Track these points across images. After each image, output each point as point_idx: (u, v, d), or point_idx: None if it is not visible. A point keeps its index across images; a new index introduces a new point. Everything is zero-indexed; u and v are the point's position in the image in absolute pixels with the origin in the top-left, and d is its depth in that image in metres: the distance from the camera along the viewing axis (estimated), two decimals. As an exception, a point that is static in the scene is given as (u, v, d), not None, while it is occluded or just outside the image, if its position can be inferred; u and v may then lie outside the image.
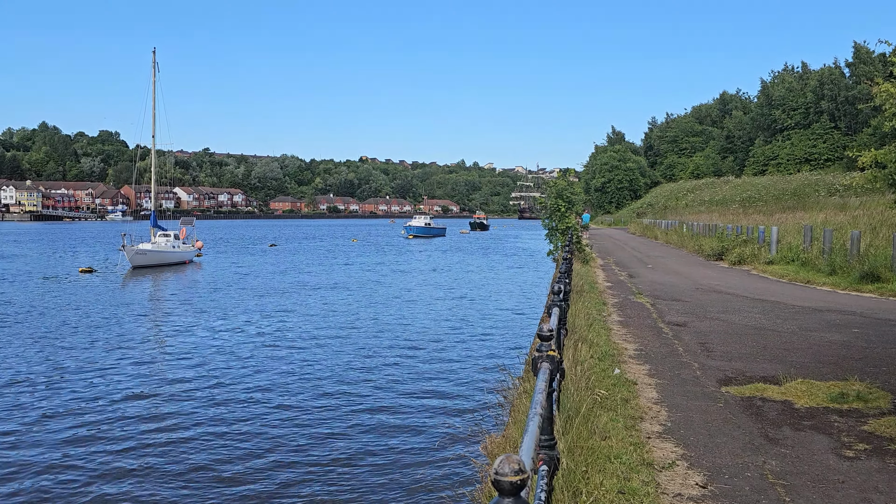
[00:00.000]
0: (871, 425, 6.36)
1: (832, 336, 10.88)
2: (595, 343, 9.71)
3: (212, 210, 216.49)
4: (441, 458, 9.66)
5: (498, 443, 6.26)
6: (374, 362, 15.77)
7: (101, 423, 11.24)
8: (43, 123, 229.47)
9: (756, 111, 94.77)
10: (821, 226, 25.45)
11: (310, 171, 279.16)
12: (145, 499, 8.47)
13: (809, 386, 7.68)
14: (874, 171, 12.55)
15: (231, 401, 12.61)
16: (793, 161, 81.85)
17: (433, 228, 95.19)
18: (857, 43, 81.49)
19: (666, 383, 8.01)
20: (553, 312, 6.54)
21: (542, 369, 3.90)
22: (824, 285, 18.13)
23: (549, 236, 29.54)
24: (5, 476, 9.09)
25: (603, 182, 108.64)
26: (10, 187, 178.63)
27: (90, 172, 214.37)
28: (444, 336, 19.07)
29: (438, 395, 13.02)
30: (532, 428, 2.92)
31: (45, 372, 14.61)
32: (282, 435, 10.72)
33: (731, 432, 6.22)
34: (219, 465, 9.51)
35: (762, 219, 36.94)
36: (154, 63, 44.20)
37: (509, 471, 1.94)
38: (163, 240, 43.09)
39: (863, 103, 57.33)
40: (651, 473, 5.23)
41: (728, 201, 65.06)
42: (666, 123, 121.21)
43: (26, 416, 11.61)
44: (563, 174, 31.53)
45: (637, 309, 14.08)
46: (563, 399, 6.18)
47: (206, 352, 16.92)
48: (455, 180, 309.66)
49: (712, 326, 11.92)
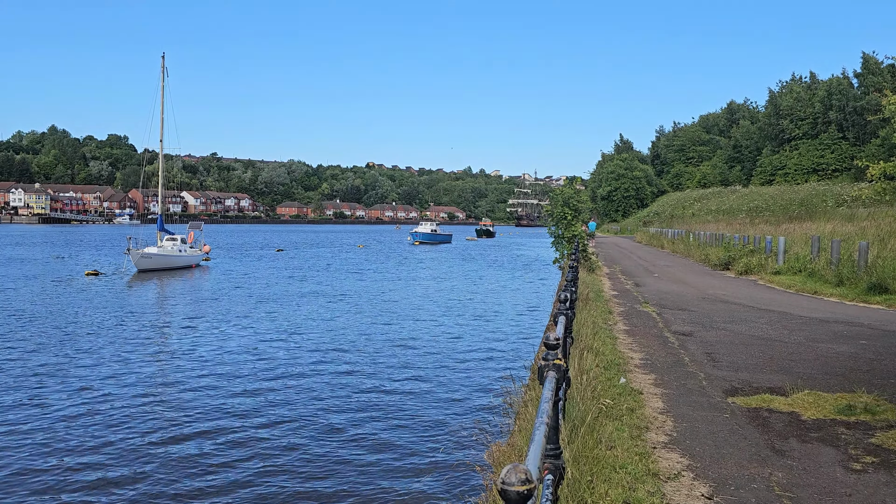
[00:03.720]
0: (879, 438, 6.31)
1: (840, 347, 10.82)
2: (601, 352, 9.68)
3: (219, 214, 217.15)
4: (445, 465, 9.63)
5: (503, 451, 6.24)
6: (378, 368, 15.75)
7: (102, 425, 11.25)
8: (52, 127, 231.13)
9: (764, 121, 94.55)
10: (828, 236, 25.34)
11: (316, 176, 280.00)
12: (144, 499, 8.48)
13: (816, 397, 7.64)
14: (883, 183, 12.51)
15: (233, 404, 12.61)
16: (800, 171, 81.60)
17: (439, 235, 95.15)
18: (866, 53, 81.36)
19: (672, 393, 7.98)
20: (559, 321, 6.53)
21: (549, 378, 3.89)
22: (832, 296, 18.04)
23: (556, 244, 29.51)
24: (7, 476, 9.10)
25: (609, 190, 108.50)
26: (19, 190, 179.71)
27: (98, 176, 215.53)
28: (448, 343, 19.04)
29: (443, 402, 12.99)
30: (538, 437, 2.91)
31: (47, 374, 14.64)
32: (284, 440, 10.71)
33: (738, 443, 6.19)
34: (220, 468, 9.51)
35: (769, 229, 36.81)
36: (163, 68, 44.48)
37: (516, 480, 1.94)
38: (169, 244, 43.19)
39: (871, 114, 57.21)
40: (657, 484, 5.20)
41: (735, 211, 64.85)
42: (673, 132, 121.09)
43: (28, 417, 11.63)
44: (569, 182, 31.50)
45: (643, 318, 14.04)
46: (569, 408, 6.16)
47: (206, 357, 16.93)
48: (461, 187, 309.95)
49: (719, 336, 11.87)
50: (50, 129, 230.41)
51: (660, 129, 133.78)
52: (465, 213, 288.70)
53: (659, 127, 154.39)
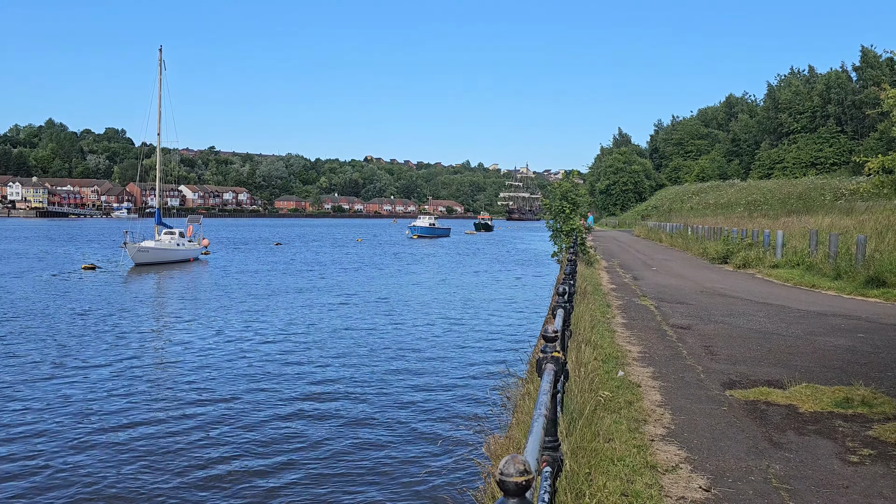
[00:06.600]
0: (876, 430, 6.33)
1: (837, 341, 10.84)
2: (599, 345, 9.70)
3: (216, 208, 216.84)
4: (444, 458, 9.65)
5: (501, 444, 6.25)
6: (375, 362, 15.76)
7: (97, 419, 11.25)
8: (49, 120, 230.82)
9: (762, 114, 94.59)
10: (826, 230, 25.36)
11: (315, 170, 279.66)
12: (142, 498, 8.48)
13: (814, 390, 7.66)
14: (881, 177, 12.50)
15: (231, 401, 12.61)
16: (799, 165, 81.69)
17: (437, 229, 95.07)
18: (865, 47, 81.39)
19: (670, 386, 7.99)
20: (557, 314, 6.53)
21: (547, 370, 3.89)
22: (829, 290, 18.08)
23: (554, 238, 29.49)
24: (3, 473, 9.11)
25: (608, 184, 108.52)
26: (17, 184, 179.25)
27: (96, 170, 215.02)
28: (446, 336, 19.05)
29: (441, 395, 13.01)
30: (537, 429, 2.91)
31: (43, 368, 14.64)
32: (281, 434, 10.72)
33: (735, 436, 6.20)
34: (218, 464, 9.51)
35: (767, 222, 36.82)
36: (160, 61, 44.31)
37: (515, 471, 1.94)
38: (167, 237, 43.10)
39: (870, 108, 57.15)
40: (654, 476, 5.21)
41: (733, 205, 64.90)
42: (672, 126, 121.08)
43: (24, 411, 11.63)
44: (567, 176, 31.47)
45: (641, 311, 14.06)
46: (567, 401, 6.17)
47: (202, 351, 16.92)
48: (460, 181, 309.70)
49: (716, 330, 11.89)
50: (47, 122, 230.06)
51: (658, 122, 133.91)
52: (464, 207, 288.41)
53: (657, 121, 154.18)
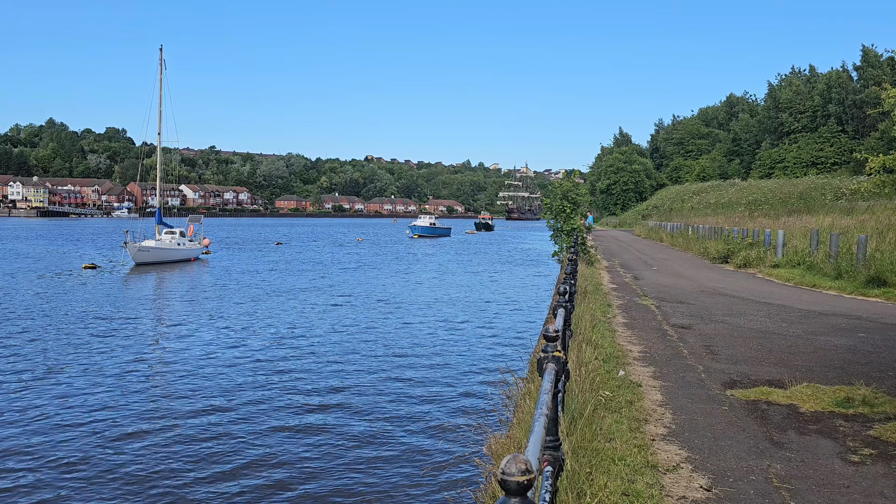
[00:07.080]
0: (877, 430, 6.33)
1: (838, 340, 10.83)
2: (600, 345, 9.69)
3: (217, 208, 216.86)
4: (444, 457, 9.65)
5: (502, 443, 6.24)
6: (376, 362, 15.77)
7: (98, 419, 11.26)
8: (50, 120, 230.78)
9: (763, 114, 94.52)
10: (827, 230, 25.35)
11: (315, 169, 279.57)
12: (142, 498, 8.49)
13: (815, 390, 7.65)
14: (882, 176, 12.49)
15: (232, 400, 12.62)
16: (799, 164, 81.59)
17: (438, 228, 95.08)
18: (866, 46, 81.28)
19: (671, 386, 7.99)
20: (558, 313, 6.53)
21: (548, 370, 3.89)
22: (830, 289, 18.07)
23: (554, 237, 29.48)
24: (3, 473, 9.11)
25: (608, 184, 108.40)
26: (17, 183, 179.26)
27: (96, 169, 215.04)
28: (446, 336, 19.06)
29: (441, 395, 13.02)
30: (538, 428, 2.91)
31: (43, 367, 14.65)
32: (282, 434, 10.73)
33: (736, 436, 6.20)
34: (219, 464, 9.52)
35: (768, 222, 36.81)
36: (161, 60, 44.33)
37: (516, 471, 1.93)
38: (167, 237, 43.13)
39: (871, 107, 57.14)
40: (655, 476, 5.21)
41: (734, 204, 64.84)
42: (672, 125, 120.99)
43: (22, 410, 11.64)
44: (567, 175, 31.46)
45: (642, 311, 14.05)
46: (568, 400, 6.16)
47: (202, 351, 16.93)
48: (460, 181, 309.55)
49: (717, 329, 11.88)
50: (48, 122, 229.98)
51: (659, 122, 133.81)
52: (464, 207, 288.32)
53: (658, 120, 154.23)
